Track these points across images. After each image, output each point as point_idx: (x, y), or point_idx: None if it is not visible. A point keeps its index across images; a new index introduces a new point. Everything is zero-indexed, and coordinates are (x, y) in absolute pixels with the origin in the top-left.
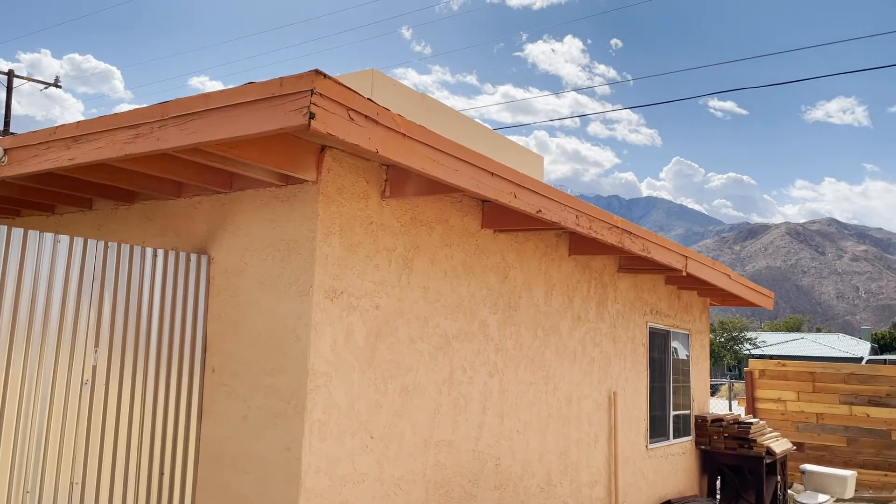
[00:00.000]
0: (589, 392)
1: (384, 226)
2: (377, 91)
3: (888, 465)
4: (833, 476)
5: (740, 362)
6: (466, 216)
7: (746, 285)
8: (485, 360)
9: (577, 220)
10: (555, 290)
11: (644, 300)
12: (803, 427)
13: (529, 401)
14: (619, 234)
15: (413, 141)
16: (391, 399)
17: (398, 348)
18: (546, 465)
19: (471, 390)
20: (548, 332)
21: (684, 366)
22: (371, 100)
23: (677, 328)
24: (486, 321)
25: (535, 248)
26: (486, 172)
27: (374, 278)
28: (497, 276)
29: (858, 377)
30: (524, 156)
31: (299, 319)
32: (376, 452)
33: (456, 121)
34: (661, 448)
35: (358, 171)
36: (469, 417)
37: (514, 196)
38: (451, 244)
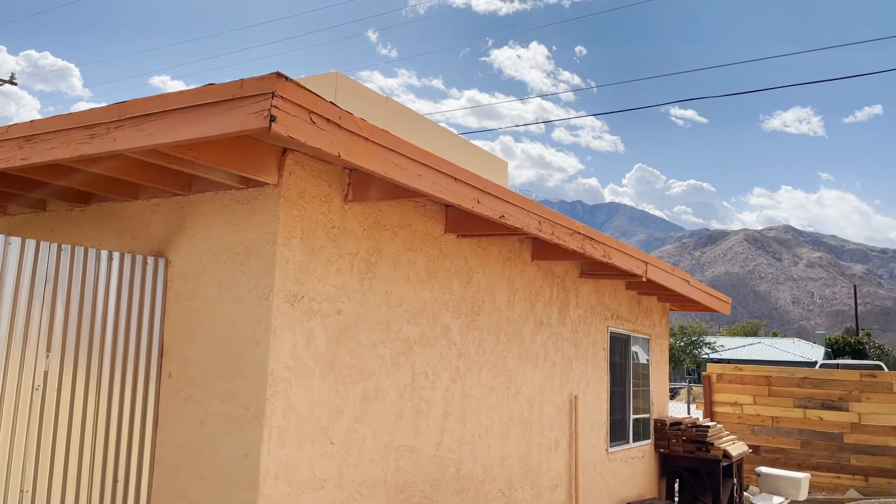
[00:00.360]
0: (550, 396)
1: (347, 230)
2: (341, 94)
3: (840, 467)
4: (787, 478)
5: (699, 366)
6: (430, 221)
7: (705, 291)
8: (447, 364)
9: (539, 225)
10: (517, 294)
11: (605, 305)
12: (759, 430)
13: (491, 405)
14: (581, 240)
15: (376, 145)
16: (352, 404)
17: (360, 353)
18: (507, 469)
19: (433, 395)
20: (510, 336)
21: (644, 370)
22: (334, 103)
23: (637, 333)
24: (448, 326)
25: (499, 252)
26: (450, 177)
27: (335, 283)
28: (460, 280)
29: (812, 381)
30: (489, 161)
31: (259, 324)
32: (336, 458)
33: (421, 125)
34: (621, 451)
35: (320, 174)
36: (431, 422)
37: (477, 201)
38: (415, 249)
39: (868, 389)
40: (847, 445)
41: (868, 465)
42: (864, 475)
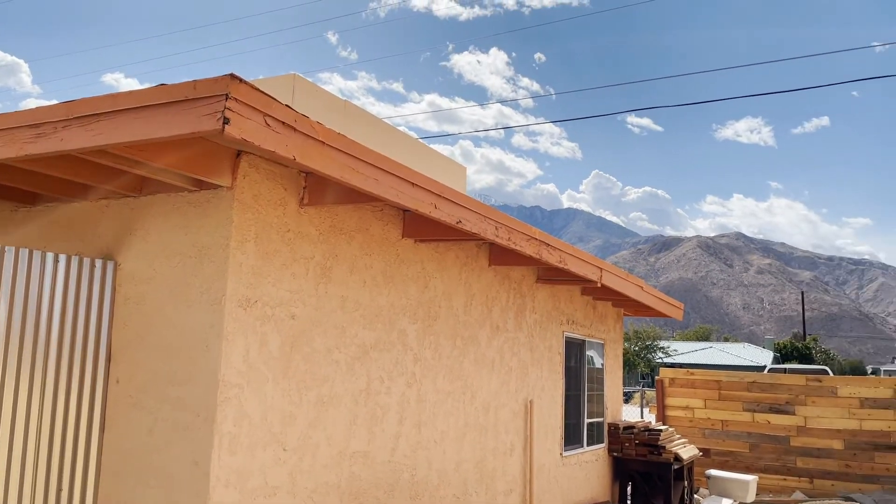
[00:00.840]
0: (506, 401)
1: (302, 234)
2: (299, 96)
3: (787, 469)
4: (735, 481)
5: (653, 370)
6: (387, 225)
7: (657, 296)
8: (403, 370)
9: (496, 231)
10: (474, 299)
11: (561, 310)
12: (709, 433)
13: (447, 410)
14: (538, 246)
15: (332, 149)
16: (306, 410)
17: (314, 358)
18: (462, 474)
19: (388, 401)
20: (467, 341)
21: (599, 374)
22: (289, 106)
23: (592, 338)
24: (405, 331)
25: (456, 258)
26: (407, 182)
27: (290, 287)
28: (417, 285)
29: (760, 385)
30: (448, 166)
31: (210, 329)
32: (289, 465)
33: (379, 129)
34: (576, 455)
35: (275, 177)
36: (386, 428)
37: (434, 206)
38: (372, 253)
39: (813, 394)
40: (793, 448)
41: (813, 467)
42: (809, 477)
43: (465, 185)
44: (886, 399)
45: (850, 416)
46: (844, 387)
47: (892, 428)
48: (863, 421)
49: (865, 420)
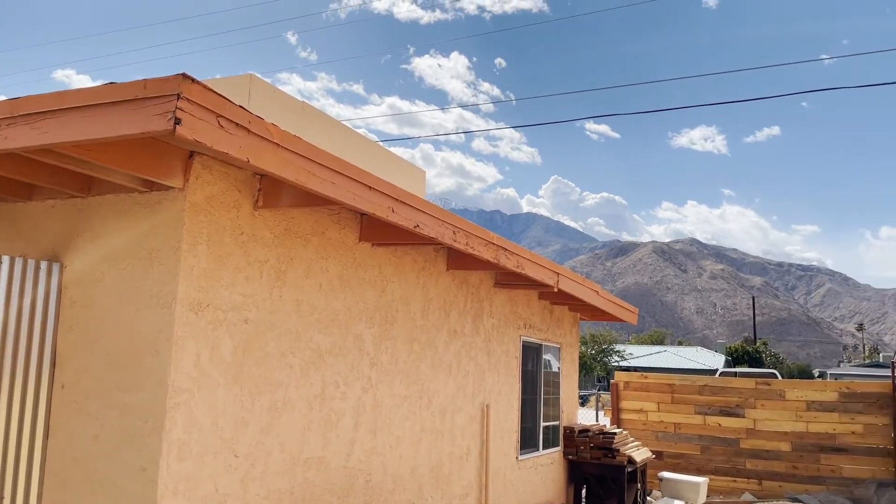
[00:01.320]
0: (463, 405)
1: (256, 237)
2: (255, 97)
3: (736, 471)
4: (687, 483)
5: (609, 374)
6: (344, 229)
7: (613, 301)
8: (359, 374)
9: (454, 235)
10: (432, 304)
11: (518, 314)
12: (662, 436)
13: (403, 415)
14: (495, 251)
15: (288, 151)
16: (258, 416)
17: (268, 363)
18: (418, 479)
19: (343, 406)
20: (424, 346)
21: (555, 378)
22: (243, 107)
23: (549, 342)
24: (361, 335)
25: (414, 262)
26: (364, 186)
27: (243, 291)
28: (374, 289)
29: (712, 389)
30: (407, 169)
31: (160, 333)
32: (240, 472)
33: (338, 131)
34: (531, 459)
35: (229, 179)
36: (341, 433)
37: (392, 210)
38: (328, 257)
39: (763, 397)
40: (743, 450)
41: (762, 468)
42: (758, 479)
43: (425, 189)
44: (832, 402)
45: (798, 418)
46: (792, 390)
47: (837, 430)
48: (809, 423)
49: (812, 422)
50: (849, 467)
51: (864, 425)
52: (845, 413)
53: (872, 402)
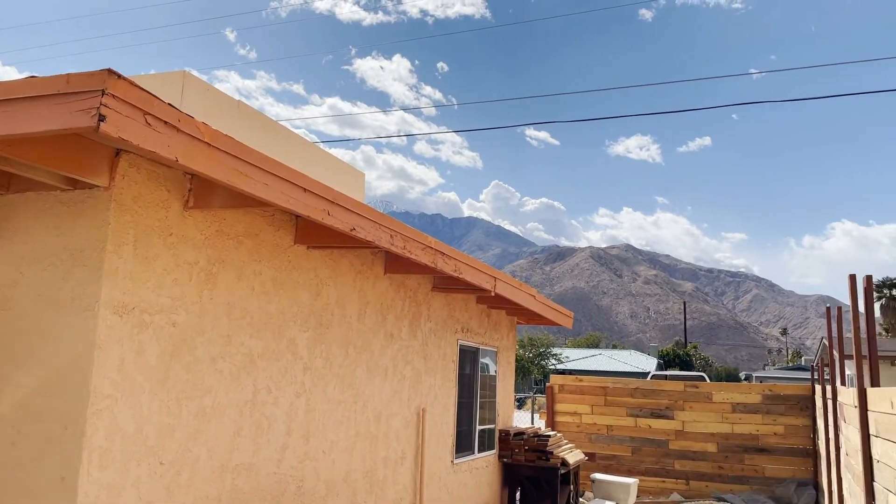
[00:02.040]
0: (399, 409)
1: (186, 238)
2: (189, 95)
3: (665, 472)
4: (618, 484)
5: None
6: (279, 231)
7: (549, 305)
8: (292, 379)
9: (391, 239)
10: (369, 307)
11: (456, 318)
12: (595, 438)
13: (338, 420)
14: (433, 255)
15: (219, 151)
16: (186, 422)
17: (196, 368)
18: (351, 484)
19: (275, 411)
20: (360, 350)
21: (492, 381)
22: (172, 105)
23: (486, 345)
24: (295, 339)
25: (351, 265)
26: (299, 188)
27: (171, 293)
28: (309, 293)
29: (643, 391)
30: (346, 171)
31: (82, 337)
32: (166, 479)
33: (275, 131)
34: (467, 462)
35: (158, 178)
36: (272, 439)
37: (327, 213)
38: (261, 259)
39: (691, 399)
40: (672, 451)
41: (690, 469)
42: (686, 479)
43: (364, 191)
44: (756, 404)
45: (724, 420)
46: (719, 393)
47: (760, 431)
48: (734, 425)
49: (737, 424)
50: (771, 467)
51: (786, 426)
52: (768, 415)
53: (793, 404)
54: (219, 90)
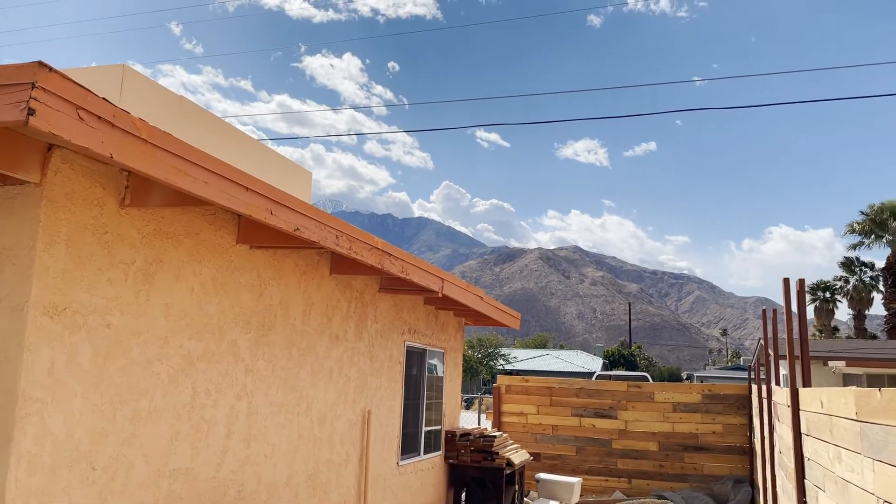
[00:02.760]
0: (343, 412)
1: (122, 236)
2: (128, 89)
3: (609, 471)
4: (561, 483)
5: (494, 377)
6: (220, 230)
7: (496, 307)
8: (233, 381)
9: (336, 240)
10: (314, 308)
11: (403, 320)
12: (541, 438)
13: (280, 423)
14: (380, 256)
15: (156, 148)
16: (120, 426)
17: (132, 371)
18: (294, 488)
19: (215, 414)
20: (304, 351)
21: (439, 383)
22: (107, 100)
23: (434, 347)
24: (236, 341)
25: (295, 266)
26: (240, 186)
27: (106, 294)
28: (252, 293)
29: (587, 391)
30: (292, 170)
31: (10, 338)
32: (99, 485)
33: (218, 128)
34: (412, 464)
35: (92, 175)
36: (211, 443)
37: (270, 212)
38: (201, 259)
39: (634, 399)
40: (615, 450)
41: (632, 468)
42: (628, 477)
43: (311, 190)
44: (695, 403)
45: (665, 419)
46: (660, 392)
47: (700, 430)
48: (675, 424)
49: (678, 423)
50: (710, 465)
51: (724, 425)
52: (707, 414)
53: (731, 404)
54: (160, 85)
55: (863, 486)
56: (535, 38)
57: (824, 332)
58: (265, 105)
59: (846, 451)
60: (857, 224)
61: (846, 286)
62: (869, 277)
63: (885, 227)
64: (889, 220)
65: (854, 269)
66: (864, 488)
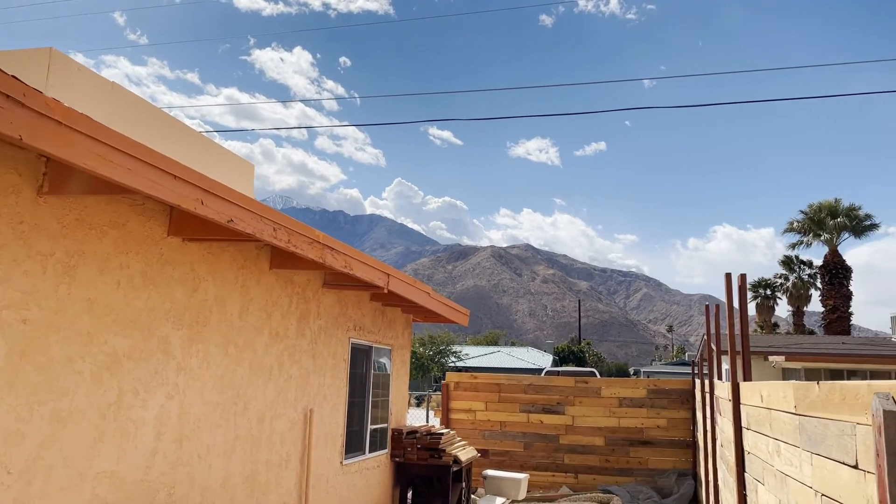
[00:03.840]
0: (284, 410)
1: (39, 226)
2: (56, 74)
3: (556, 466)
4: (508, 479)
5: (445, 374)
6: (150, 221)
7: (445, 303)
8: (163, 380)
9: (274, 232)
10: (252, 304)
11: (348, 316)
12: (489, 434)
13: (215, 422)
14: (321, 250)
15: (72, 131)
16: (38, 427)
17: (51, 369)
18: (230, 490)
19: (144, 414)
20: (241, 349)
21: (385, 380)
22: (16, 77)
23: (380, 344)
24: (167, 338)
25: (233, 260)
26: (168, 174)
27: (22, 287)
28: (185, 288)
29: (535, 387)
30: (234, 162)
31: None
32: (14, 490)
33: (154, 117)
34: (357, 463)
35: (6, 160)
36: (140, 444)
37: (200, 202)
38: (129, 252)
39: (581, 394)
40: (562, 446)
41: (578, 463)
42: (575, 472)
43: (253, 183)
44: (641, 398)
45: (611, 414)
46: (607, 388)
47: (645, 425)
48: (621, 419)
49: (623, 418)
50: (654, 459)
51: (668, 419)
52: (652, 408)
53: (675, 398)
54: (91, 70)
55: (801, 479)
56: (487, 36)
57: (765, 327)
58: (213, 98)
59: (785, 444)
60: (797, 223)
61: (786, 283)
62: (807, 275)
63: (823, 226)
64: (827, 218)
65: (793, 267)
66: (802, 482)
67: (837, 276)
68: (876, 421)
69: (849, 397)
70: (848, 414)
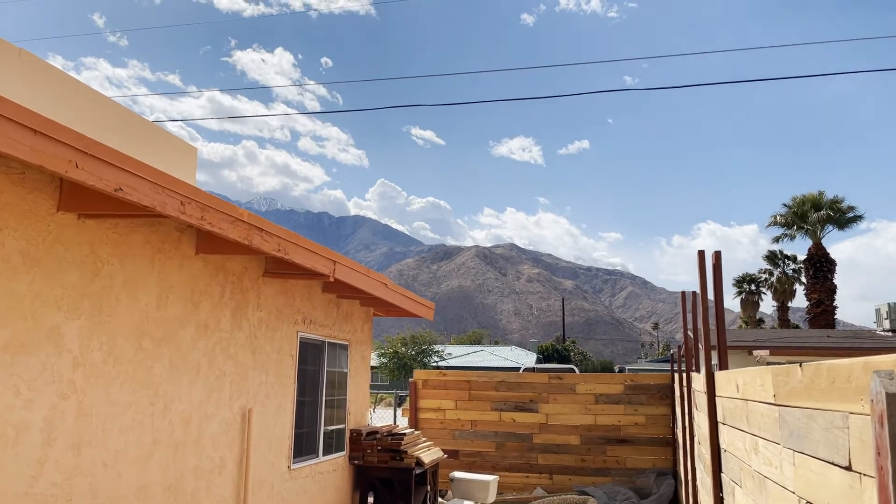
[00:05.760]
0: (216, 411)
1: None
2: None
3: (529, 466)
4: (477, 481)
5: None
6: (33, 193)
7: (406, 295)
8: (55, 377)
9: (182, 207)
10: (174, 292)
11: (296, 308)
12: (459, 434)
13: (127, 425)
14: (247, 230)
15: None
16: None
17: None
18: (147, 500)
19: (29, 417)
20: (160, 342)
21: (342, 378)
22: None
23: (335, 339)
24: (59, 328)
25: (146, 241)
26: (26, 129)
27: None
28: (82, 272)
29: (508, 384)
30: (174, 146)
31: None
32: None
33: (75, 90)
34: (308, 467)
35: None
36: (23, 452)
37: (74, 165)
38: (4, 228)
39: (555, 391)
40: (536, 445)
41: (553, 463)
42: (549, 473)
43: (196, 168)
44: (618, 394)
45: (587, 411)
46: (583, 384)
47: (622, 422)
48: (597, 416)
49: (600, 415)
50: (632, 458)
51: (647, 416)
52: (630, 405)
53: (654, 394)
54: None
55: (782, 482)
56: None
57: (750, 323)
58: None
59: (763, 440)
60: (781, 216)
61: (770, 279)
62: (791, 270)
63: (807, 219)
64: (810, 211)
65: (778, 261)
66: (783, 485)
67: (822, 270)
68: (876, 408)
69: (839, 380)
70: (838, 402)
